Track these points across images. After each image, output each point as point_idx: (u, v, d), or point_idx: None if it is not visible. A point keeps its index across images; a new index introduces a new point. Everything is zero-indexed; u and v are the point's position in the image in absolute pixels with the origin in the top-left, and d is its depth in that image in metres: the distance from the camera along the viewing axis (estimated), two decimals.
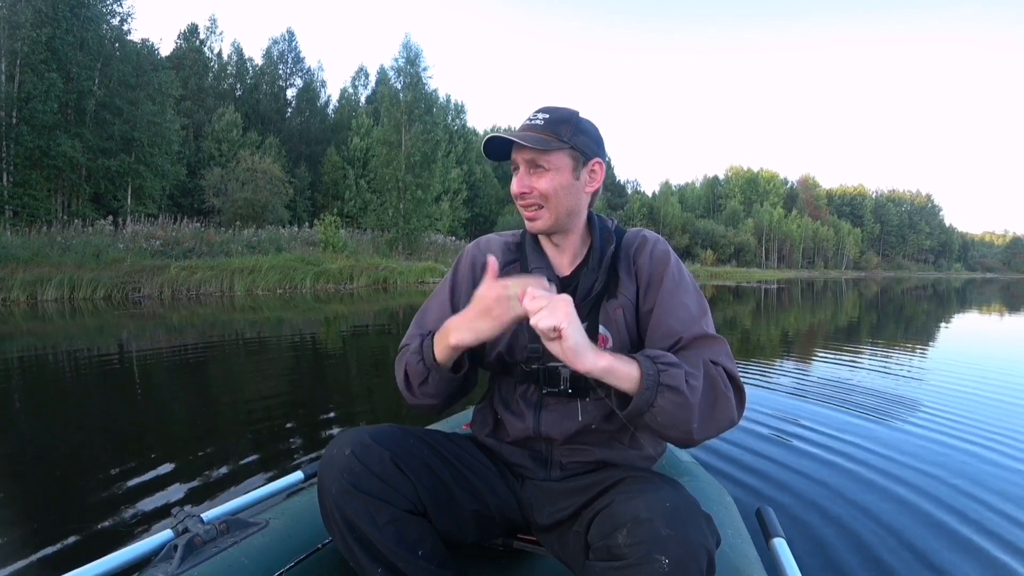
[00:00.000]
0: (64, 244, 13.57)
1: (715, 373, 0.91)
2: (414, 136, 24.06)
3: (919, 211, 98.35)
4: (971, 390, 4.33)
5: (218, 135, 27.61)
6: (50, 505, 2.08)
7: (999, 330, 9.70)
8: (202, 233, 17.36)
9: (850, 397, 3.94)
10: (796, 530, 1.92)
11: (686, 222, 56.46)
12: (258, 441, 2.86)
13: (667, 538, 0.75)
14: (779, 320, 10.65)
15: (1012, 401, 3.99)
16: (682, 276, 1.05)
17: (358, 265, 17.43)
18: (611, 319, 1.04)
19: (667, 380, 0.85)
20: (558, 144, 1.01)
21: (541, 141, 1.00)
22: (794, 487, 2.32)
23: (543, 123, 1.02)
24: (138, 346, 6.01)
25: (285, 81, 35.81)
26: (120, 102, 19.91)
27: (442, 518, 1.00)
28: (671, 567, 0.73)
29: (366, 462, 0.94)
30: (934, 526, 2.00)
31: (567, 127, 1.02)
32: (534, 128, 1.02)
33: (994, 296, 22.60)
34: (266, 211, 23.43)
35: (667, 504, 0.80)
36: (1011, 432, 3.18)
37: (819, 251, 76.32)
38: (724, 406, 0.90)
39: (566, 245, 1.10)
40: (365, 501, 0.91)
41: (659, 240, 1.11)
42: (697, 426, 0.87)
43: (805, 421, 3.30)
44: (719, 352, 0.96)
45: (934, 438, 3.03)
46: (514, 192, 1.04)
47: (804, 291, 22.98)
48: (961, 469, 2.58)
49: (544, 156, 1.01)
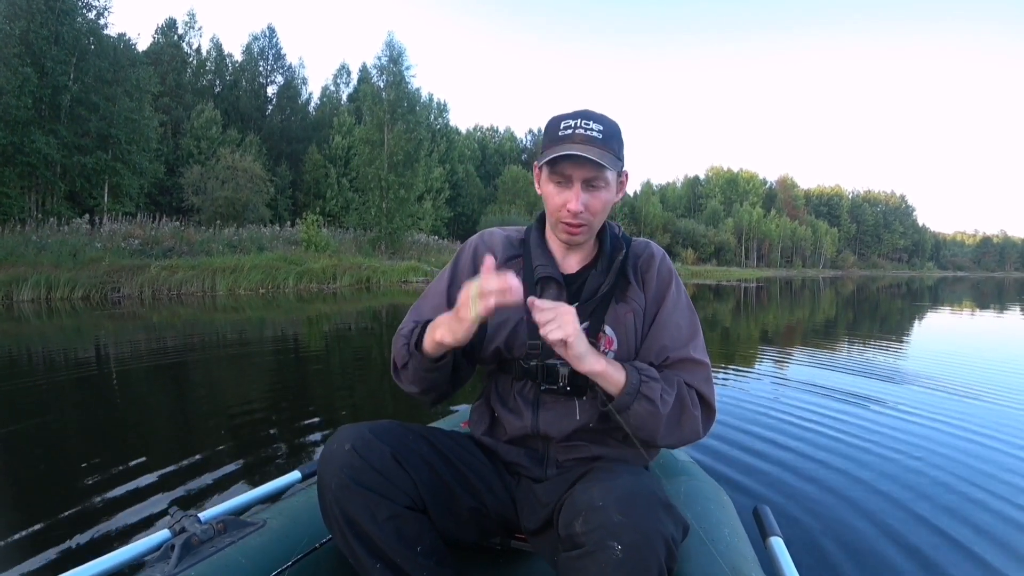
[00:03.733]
0: (39, 243, 13.28)
1: (686, 395, 1.00)
2: (397, 135, 23.91)
3: (893, 211, 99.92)
4: (964, 387, 4.35)
5: (197, 132, 27.11)
6: (47, 505, 2.07)
7: (981, 327, 9.90)
8: (182, 232, 17.11)
9: (848, 396, 3.93)
10: (793, 529, 1.93)
11: (667, 222, 56.78)
12: (254, 441, 2.86)
13: (619, 524, 0.75)
14: (762, 318, 10.78)
15: (1006, 398, 4.04)
16: (680, 296, 1.10)
17: (341, 264, 17.31)
18: (620, 322, 1.06)
19: (645, 391, 0.95)
20: (617, 164, 1.00)
21: (610, 160, 0.98)
22: (791, 486, 2.33)
23: (601, 137, 0.98)
24: (125, 347, 5.92)
25: (265, 78, 35.23)
26: (96, 98, 19.44)
27: (441, 515, 1.00)
28: (625, 553, 0.73)
29: (366, 457, 0.94)
30: (931, 524, 2.00)
31: (617, 142, 1.01)
32: (593, 142, 0.97)
33: (965, 293, 23.13)
34: (247, 210, 23.12)
35: (622, 491, 0.81)
36: (1007, 429, 3.20)
37: (797, 250, 77.16)
38: (689, 423, 1.00)
39: (578, 248, 1.11)
40: (365, 496, 0.92)
41: (665, 256, 1.14)
42: (662, 434, 0.98)
43: (803, 420, 3.29)
44: (698, 376, 1.03)
45: (931, 436, 3.03)
46: (571, 209, 1.00)
47: (783, 289, 23.27)
48: (958, 466, 2.58)
49: (603, 173, 0.99)
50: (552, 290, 1.08)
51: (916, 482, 2.39)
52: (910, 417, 3.43)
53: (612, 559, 0.73)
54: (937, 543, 1.87)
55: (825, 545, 1.84)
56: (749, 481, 2.38)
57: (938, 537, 1.91)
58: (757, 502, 1.28)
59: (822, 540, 1.87)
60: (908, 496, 2.24)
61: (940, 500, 2.22)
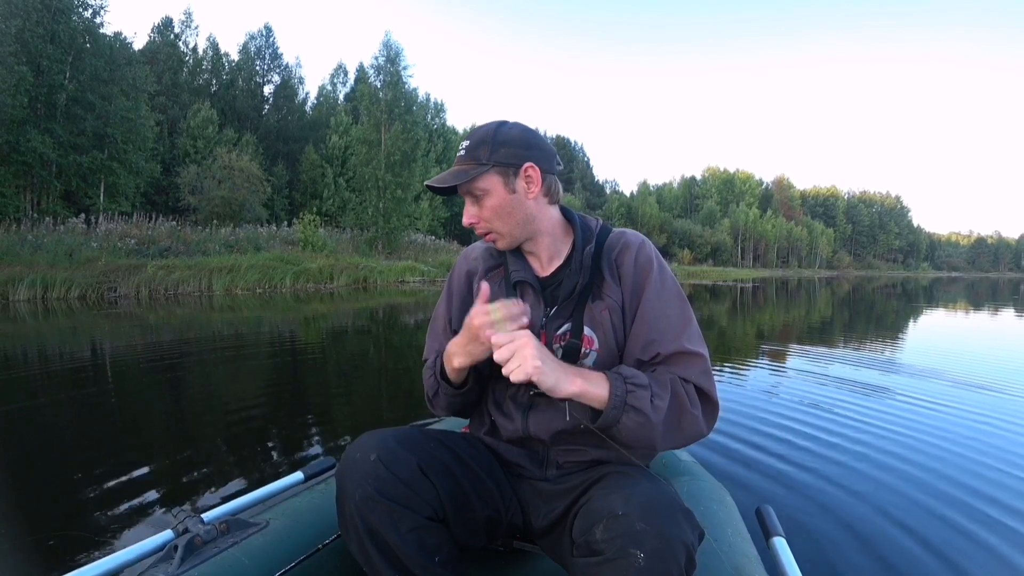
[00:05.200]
0: (35, 243, 13.22)
1: (682, 392, 0.94)
2: (394, 135, 23.91)
3: (889, 212, 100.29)
4: (968, 382, 4.38)
5: (193, 132, 27.00)
6: (50, 506, 2.07)
7: (982, 327, 9.95)
8: (178, 232, 17.05)
9: (849, 396, 3.93)
10: (796, 529, 1.91)
11: (664, 222, 56.94)
12: (256, 441, 2.86)
13: (642, 532, 0.75)
14: (759, 318, 10.79)
15: (1013, 392, 4.07)
16: (664, 283, 1.04)
17: (338, 264, 17.28)
18: (597, 321, 1.03)
19: (633, 401, 0.90)
20: (477, 170, 1.01)
21: (460, 174, 1.01)
22: (794, 486, 2.32)
23: (465, 152, 1.03)
24: (124, 347, 5.90)
25: (262, 77, 35.10)
26: (92, 97, 19.32)
27: (459, 524, 1.00)
28: (647, 561, 0.73)
29: (393, 469, 0.93)
30: (935, 523, 1.99)
31: (484, 147, 1.02)
32: (460, 160, 1.03)
33: (960, 294, 23.22)
34: (244, 210, 23.02)
35: (643, 499, 0.81)
36: (1011, 426, 3.23)
37: (793, 251, 77.38)
38: (689, 423, 0.94)
39: (538, 250, 1.10)
40: (389, 508, 0.90)
41: (643, 243, 1.09)
42: (660, 441, 0.93)
43: (805, 420, 3.29)
44: (694, 369, 0.97)
45: (935, 434, 3.03)
46: (464, 224, 1.07)
47: (779, 290, 23.31)
48: (963, 463, 2.59)
49: (473, 184, 1.01)
50: (529, 294, 1.08)
51: (920, 481, 2.39)
52: (913, 416, 3.43)
53: (634, 567, 0.73)
54: (942, 542, 1.86)
55: (828, 545, 1.84)
56: (752, 481, 2.37)
57: (942, 536, 1.91)
58: (760, 502, 1.27)
59: (825, 540, 1.87)
60: (912, 495, 2.24)
61: (945, 498, 2.21)
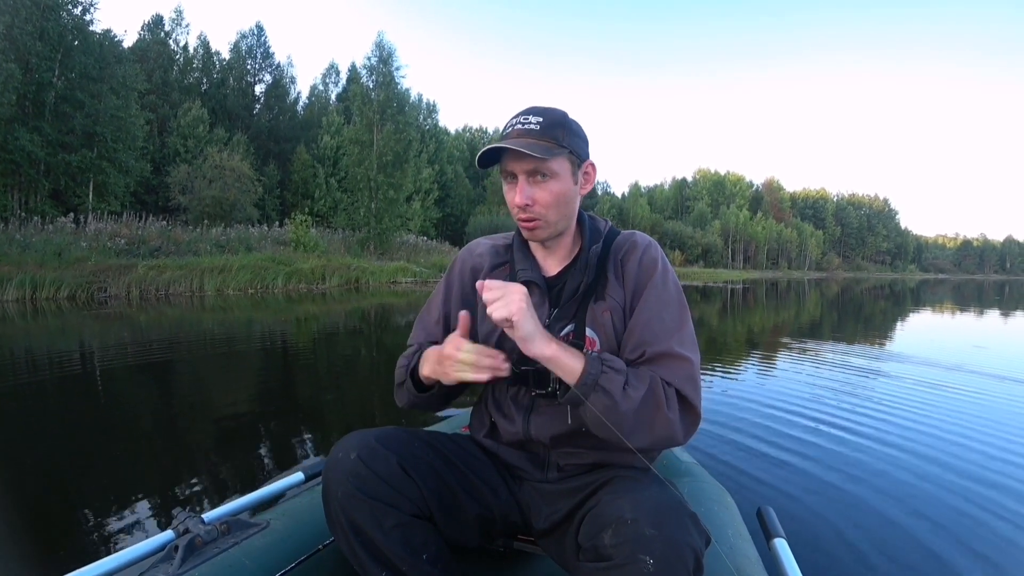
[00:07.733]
0: (23, 242, 13.07)
1: (661, 394, 0.91)
2: (386, 135, 23.83)
3: (877, 214, 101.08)
4: (966, 385, 4.43)
5: (184, 131, 26.80)
6: (51, 506, 2.08)
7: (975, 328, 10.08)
8: (169, 232, 16.92)
9: (849, 396, 3.96)
10: (797, 530, 1.90)
11: (655, 223, 57.05)
12: (255, 441, 2.87)
13: (651, 538, 0.75)
14: (749, 319, 10.84)
15: (1009, 395, 4.11)
16: (666, 286, 1.02)
17: (330, 265, 17.21)
18: (599, 322, 1.01)
19: (604, 383, 0.88)
20: (559, 150, 0.97)
21: (544, 149, 0.95)
22: (795, 487, 2.33)
23: (539, 128, 0.97)
24: (117, 347, 5.86)
25: (253, 76, 34.88)
26: (82, 95, 19.15)
27: (447, 522, 1.00)
28: (656, 567, 0.73)
29: (372, 466, 0.93)
30: (934, 525, 2.00)
31: (563, 130, 0.98)
32: (530, 134, 0.96)
33: (947, 295, 23.51)
34: (235, 210, 22.87)
35: (652, 504, 0.80)
36: (1009, 428, 3.26)
37: (783, 252, 77.77)
38: (663, 425, 0.90)
39: (557, 248, 1.09)
40: (371, 505, 0.91)
41: (650, 245, 1.07)
42: (627, 434, 0.89)
43: (805, 421, 3.31)
44: (679, 373, 0.94)
45: (934, 435, 3.07)
46: (516, 203, 0.99)
47: (769, 291, 23.51)
48: (963, 464, 2.62)
49: (545, 164, 0.96)
50: (535, 293, 1.05)
51: (920, 482, 2.41)
52: (912, 416, 3.46)
53: (643, 572, 0.73)
54: (941, 543, 1.87)
55: (829, 546, 1.85)
56: (752, 482, 2.38)
57: (942, 535, 1.92)
58: (761, 503, 1.28)
59: (826, 541, 1.88)
60: (912, 496, 2.26)
61: (945, 499, 2.23)
